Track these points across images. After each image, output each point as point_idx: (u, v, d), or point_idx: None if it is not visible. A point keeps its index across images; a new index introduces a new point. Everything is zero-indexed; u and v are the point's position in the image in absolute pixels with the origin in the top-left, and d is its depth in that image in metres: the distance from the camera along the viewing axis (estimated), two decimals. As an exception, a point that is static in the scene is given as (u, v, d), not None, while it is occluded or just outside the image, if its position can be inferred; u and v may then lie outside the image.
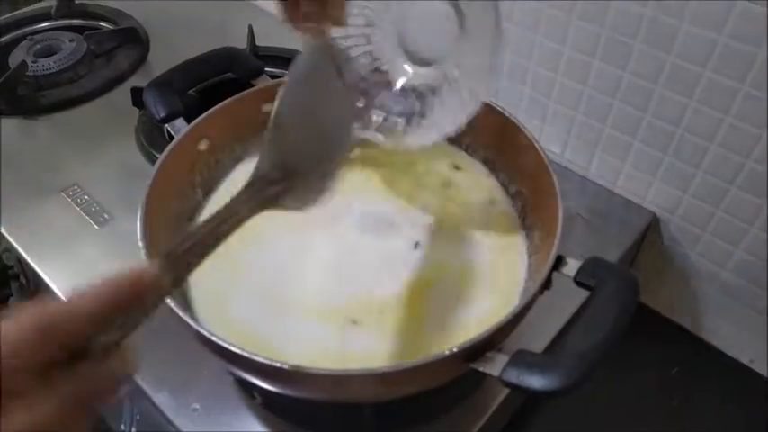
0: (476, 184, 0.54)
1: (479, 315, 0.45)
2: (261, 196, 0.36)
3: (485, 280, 0.47)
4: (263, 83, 0.55)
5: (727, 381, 0.63)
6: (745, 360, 0.64)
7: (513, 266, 0.48)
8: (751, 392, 0.62)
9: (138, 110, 0.72)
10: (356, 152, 0.55)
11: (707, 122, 0.54)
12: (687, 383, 0.63)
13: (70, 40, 0.81)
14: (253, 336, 0.43)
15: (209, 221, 0.32)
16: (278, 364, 0.35)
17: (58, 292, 0.56)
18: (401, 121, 0.51)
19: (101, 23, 0.88)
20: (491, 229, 0.50)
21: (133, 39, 0.83)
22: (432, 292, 0.46)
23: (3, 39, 0.85)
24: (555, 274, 0.40)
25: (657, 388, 0.62)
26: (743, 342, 0.63)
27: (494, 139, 0.53)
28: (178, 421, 0.47)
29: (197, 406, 0.48)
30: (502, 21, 0.42)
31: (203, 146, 0.51)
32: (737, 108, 0.51)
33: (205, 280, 0.47)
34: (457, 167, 0.55)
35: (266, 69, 0.57)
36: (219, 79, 0.58)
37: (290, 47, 0.80)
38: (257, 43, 0.79)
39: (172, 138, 0.50)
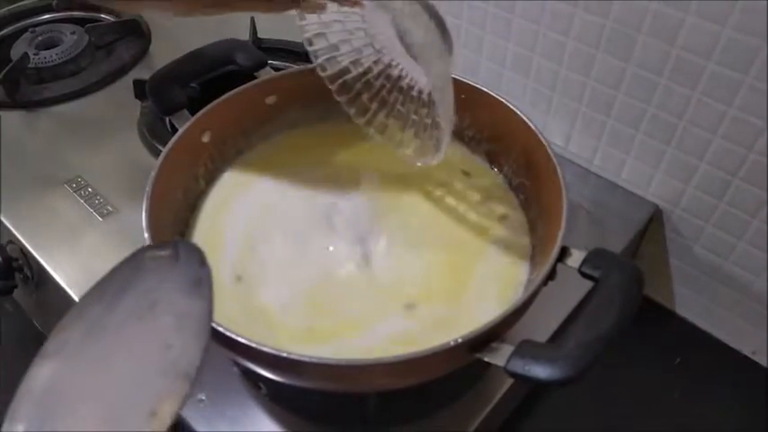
0: (478, 178, 0.54)
1: (482, 306, 0.45)
2: None
3: (488, 271, 0.47)
4: (266, 75, 0.55)
5: (728, 372, 0.63)
6: (747, 352, 0.64)
7: (517, 258, 0.48)
8: (753, 384, 0.62)
9: (140, 102, 0.72)
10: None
11: (710, 114, 0.54)
12: (689, 375, 0.63)
13: (72, 33, 0.81)
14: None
15: None
16: (283, 354, 0.36)
17: (63, 284, 0.56)
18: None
19: (102, 15, 0.87)
20: (494, 221, 0.50)
21: (135, 31, 0.83)
22: (434, 284, 0.46)
23: (4, 31, 0.85)
24: (559, 265, 0.41)
25: (659, 379, 0.63)
26: (745, 334, 0.63)
27: (497, 132, 0.53)
28: (184, 412, 0.48)
29: (203, 397, 0.49)
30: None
31: (207, 137, 0.51)
32: (741, 100, 0.51)
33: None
34: (466, 173, 0.54)
35: (269, 62, 0.56)
36: (222, 71, 0.58)
37: (292, 39, 0.80)
38: (259, 35, 0.79)
39: (175, 130, 0.50)
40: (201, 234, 0.50)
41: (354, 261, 0.48)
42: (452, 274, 0.47)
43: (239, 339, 0.36)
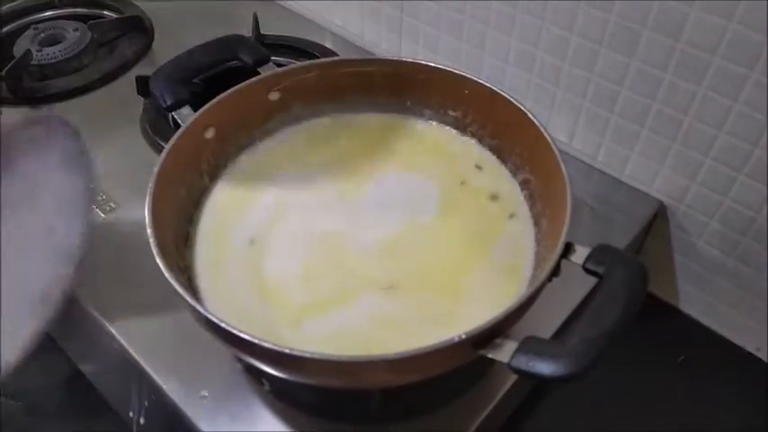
0: (490, 173, 0.53)
1: (486, 303, 0.45)
2: None
3: (492, 267, 0.47)
4: (269, 71, 0.55)
5: (732, 369, 0.63)
6: (751, 348, 0.64)
7: (521, 254, 0.48)
8: (756, 381, 0.62)
9: (142, 99, 0.72)
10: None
11: (716, 110, 0.53)
12: (693, 372, 0.63)
13: (74, 29, 0.81)
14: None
15: None
16: (286, 350, 0.36)
17: (66, 281, 0.56)
18: None
19: (105, 12, 0.87)
20: (502, 218, 0.50)
21: (137, 27, 0.83)
22: (436, 280, 0.46)
23: (7, 28, 0.85)
24: (563, 261, 0.40)
25: (663, 376, 0.62)
26: (749, 330, 0.63)
27: (501, 128, 0.52)
28: (187, 409, 0.48)
29: (205, 393, 0.48)
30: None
31: (210, 134, 0.51)
32: (747, 95, 0.51)
33: (214, 271, 0.47)
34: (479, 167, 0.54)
35: (272, 58, 0.56)
36: (225, 67, 0.58)
37: (294, 35, 0.80)
38: (262, 32, 0.79)
39: (178, 126, 0.49)
40: (207, 230, 0.50)
41: (356, 248, 0.48)
42: (453, 268, 0.47)
43: (243, 336, 0.36)
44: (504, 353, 0.36)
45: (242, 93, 0.52)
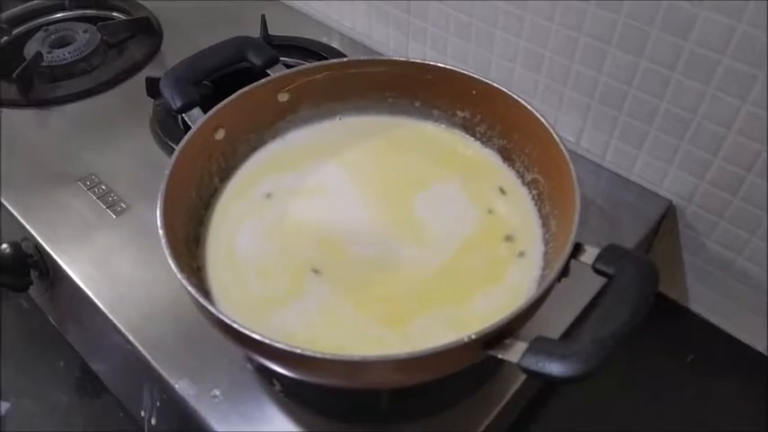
0: (513, 198, 0.52)
1: (494, 303, 0.45)
2: None
3: (500, 267, 0.47)
4: (278, 72, 0.55)
5: (741, 368, 0.63)
6: (760, 348, 0.64)
7: (530, 255, 0.48)
8: (766, 379, 0.62)
9: (152, 100, 0.72)
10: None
11: (725, 109, 0.53)
12: (702, 371, 0.63)
13: (84, 31, 0.81)
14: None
15: None
16: (297, 350, 0.36)
17: (77, 281, 0.57)
18: None
19: (114, 14, 0.88)
20: (505, 261, 0.49)
21: (146, 29, 0.84)
22: (444, 280, 0.47)
23: (18, 30, 0.85)
24: (572, 261, 0.40)
25: (672, 376, 0.62)
26: (758, 329, 0.63)
27: (509, 128, 0.52)
28: (198, 408, 0.48)
29: (217, 392, 0.49)
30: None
31: (220, 135, 0.52)
32: (756, 95, 0.51)
33: (224, 269, 0.48)
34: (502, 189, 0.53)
35: (280, 59, 0.57)
36: (234, 69, 0.58)
37: (302, 36, 0.81)
38: (270, 32, 0.79)
39: (188, 127, 0.50)
40: (217, 231, 0.50)
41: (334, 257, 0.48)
42: (414, 305, 0.45)
43: (254, 336, 0.36)
44: (513, 353, 0.36)
45: (251, 94, 0.52)
